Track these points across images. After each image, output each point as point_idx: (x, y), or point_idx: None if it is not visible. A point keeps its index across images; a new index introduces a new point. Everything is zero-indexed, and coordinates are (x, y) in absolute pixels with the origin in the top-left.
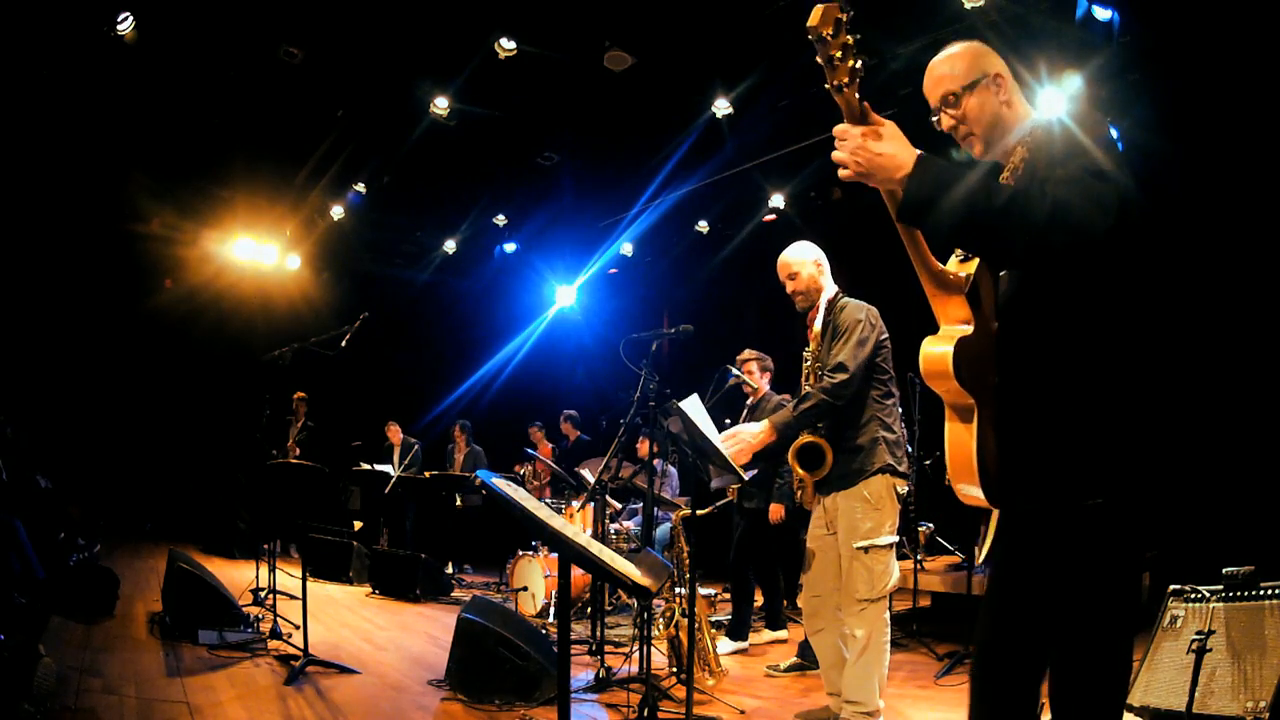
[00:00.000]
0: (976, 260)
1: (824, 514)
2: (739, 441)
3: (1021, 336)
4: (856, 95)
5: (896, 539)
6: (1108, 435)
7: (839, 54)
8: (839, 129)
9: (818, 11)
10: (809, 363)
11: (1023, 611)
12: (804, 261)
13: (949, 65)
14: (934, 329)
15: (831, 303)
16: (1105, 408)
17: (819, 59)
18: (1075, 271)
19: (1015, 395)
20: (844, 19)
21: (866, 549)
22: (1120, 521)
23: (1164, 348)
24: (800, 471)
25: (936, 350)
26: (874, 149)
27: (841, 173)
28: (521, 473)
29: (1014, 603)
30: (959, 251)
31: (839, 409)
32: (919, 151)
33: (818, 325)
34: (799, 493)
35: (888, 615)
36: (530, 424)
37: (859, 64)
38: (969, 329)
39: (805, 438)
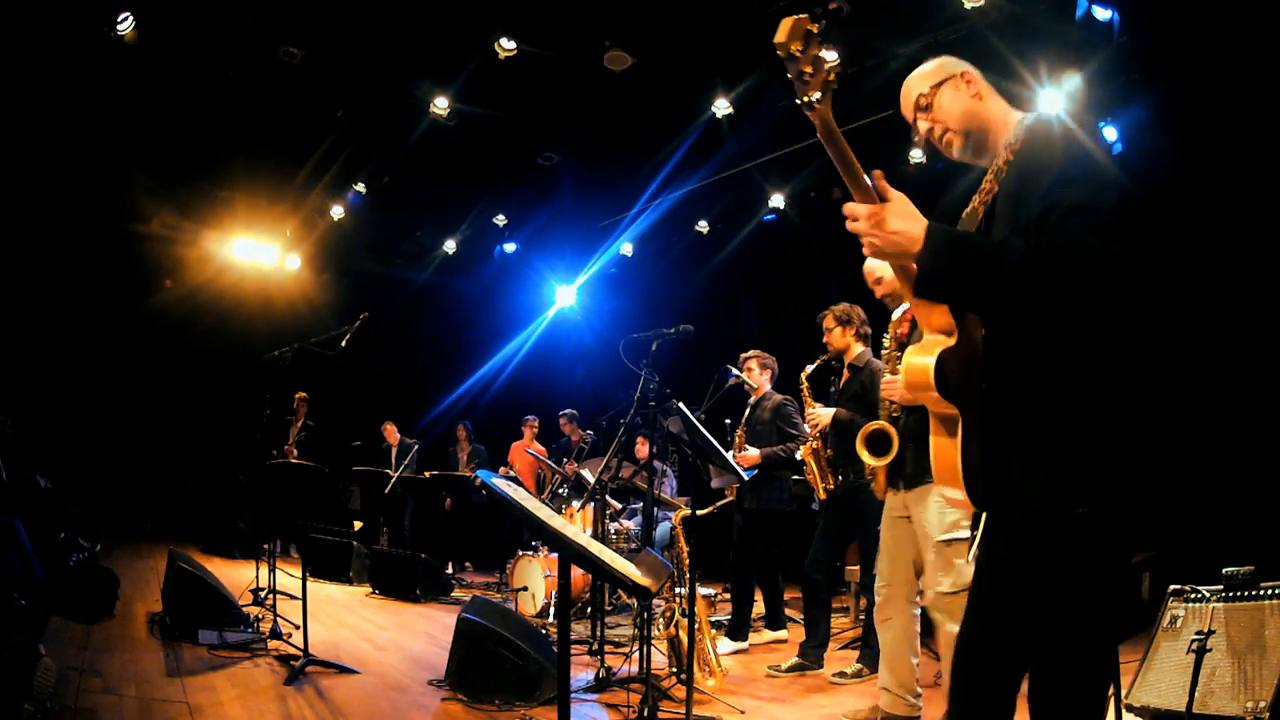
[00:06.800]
0: None
1: (901, 505)
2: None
3: (1011, 346)
4: (844, 144)
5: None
6: (1095, 445)
7: (810, 69)
8: (848, 208)
9: (785, 26)
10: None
11: (1006, 614)
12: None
13: (918, 75)
14: None
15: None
16: (1093, 417)
17: (789, 75)
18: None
19: (1002, 403)
20: (815, 30)
21: (949, 542)
22: (1106, 530)
23: (1149, 359)
24: (870, 459)
25: (919, 361)
26: (889, 228)
27: (866, 251)
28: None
29: (998, 604)
30: None
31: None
32: (926, 222)
33: (897, 313)
34: (870, 481)
35: None
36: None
37: (833, 76)
38: (951, 340)
39: (873, 425)
